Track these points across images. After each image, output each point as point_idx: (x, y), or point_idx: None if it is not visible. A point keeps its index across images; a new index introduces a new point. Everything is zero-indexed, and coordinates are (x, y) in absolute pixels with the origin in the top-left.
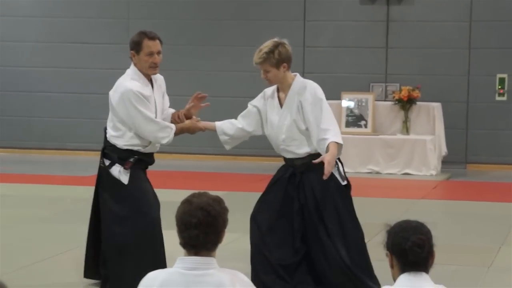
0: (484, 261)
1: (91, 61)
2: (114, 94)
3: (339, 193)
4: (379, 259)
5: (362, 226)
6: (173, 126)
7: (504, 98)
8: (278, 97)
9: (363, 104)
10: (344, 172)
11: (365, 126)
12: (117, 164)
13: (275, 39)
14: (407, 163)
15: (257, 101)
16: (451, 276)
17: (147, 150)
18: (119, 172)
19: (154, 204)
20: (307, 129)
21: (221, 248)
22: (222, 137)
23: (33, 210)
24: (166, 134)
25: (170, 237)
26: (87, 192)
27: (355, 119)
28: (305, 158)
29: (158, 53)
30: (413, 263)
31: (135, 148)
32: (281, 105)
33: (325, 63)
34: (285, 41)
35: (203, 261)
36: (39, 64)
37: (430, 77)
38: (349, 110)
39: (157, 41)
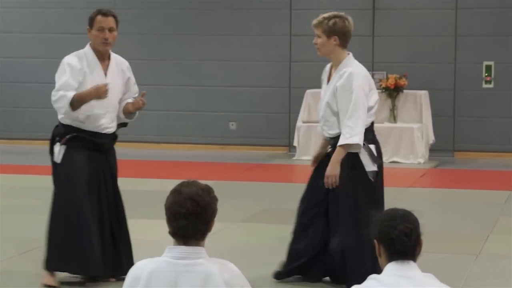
0: (472, 249)
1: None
2: None
3: (358, 181)
4: None
5: None
6: (70, 95)
7: (491, 86)
8: (330, 72)
9: None
10: (377, 155)
11: None
12: (57, 143)
13: (341, 13)
14: (394, 151)
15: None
16: (438, 265)
17: (87, 127)
18: (58, 152)
19: (78, 187)
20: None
21: (209, 238)
22: None
23: (22, 200)
24: (61, 104)
25: (160, 227)
26: None
27: None
28: (336, 138)
29: (110, 29)
30: (400, 252)
31: (74, 124)
32: (328, 81)
33: (312, 52)
34: (349, 17)
35: (192, 251)
36: (27, 55)
37: (416, 65)
38: None
39: (111, 18)
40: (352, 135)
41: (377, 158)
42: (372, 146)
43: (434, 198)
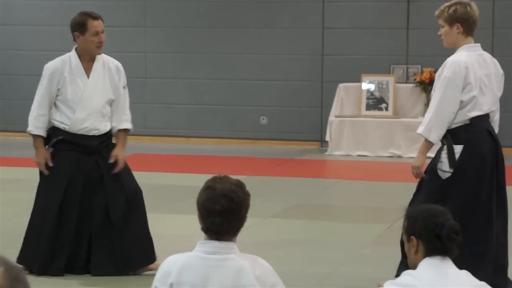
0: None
1: (109, 44)
2: None
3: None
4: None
5: (382, 210)
6: (38, 132)
7: None
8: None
9: (384, 86)
10: (462, 160)
11: (386, 109)
12: (46, 145)
13: None
14: None
15: None
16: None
17: (71, 130)
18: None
19: (54, 191)
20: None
21: (241, 233)
22: None
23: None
24: (30, 123)
25: (190, 222)
26: None
27: (375, 102)
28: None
29: (102, 32)
30: (445, 249)
31: (61, 126)
32: None
33: (345, 45)
34: (472, 3)
35: (224, 246)
36: (55, 48)
37: None
38: (370, 93)
39: (100, 21)
40: (424, 128)
41: (454, 163)
42: (458, 147)
43: None
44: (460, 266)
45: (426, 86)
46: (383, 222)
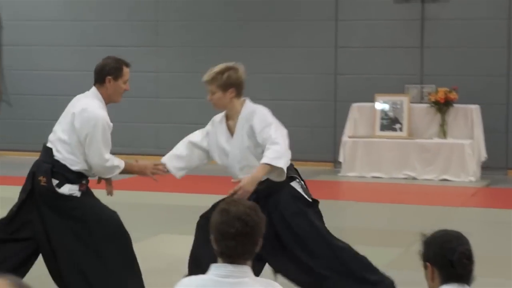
0: None
1: None
2: (82, 118)
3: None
4: (417, 269)
5: (397, 233)
6: (122, 164)
7: None
8: (228, 125)
9: (398, 106)
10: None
11: (400, 129)
12: (67, 184)
13: (231, 63)
14: (444, 169)
15: (205, 130)
16: None
17: (88, 174)
18: (70, 190)
19: (113, 212)
20: (263, 151)
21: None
22: (178, 173)
23: None
24: (113, 172)
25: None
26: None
27: (389, 122)
28: (265, 181)
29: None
30: (459, 276)
31: (85, 173)
32: (231, 133)
33: (358, 64)
34: (240, 66)
35: (238, 269)
36: (69, 68)
37: (467, 78)
38: (384, 113)
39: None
40: (275, 157)
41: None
42: None
43: (486, 218)
44: None
45: (441, 106)
46: (398, 245)
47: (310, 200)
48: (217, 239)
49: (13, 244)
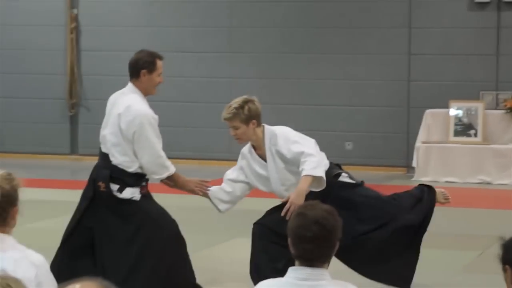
0: None
1: (194, 69)
2: (126, 117)
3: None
4: (494, 272)
5: (472, 237)
6: (172, 169)
7: None
8: (258, 154)
9: (472, 112)
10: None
11: (475, 135)
12: (128, 188)
13: (245, 96)
14: None
15: (237, 166)
16: None
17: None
18: (131, 193)
19: (171, 220)
20: (298, 167)
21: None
22: (222, 205)
23: None
24: (162, 172)
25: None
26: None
27: (464, 128)
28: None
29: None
30: None
31: (143, 172)
32: (264, 160)
33: (432, 71)
34: (255, 98)
35: (316, 272)
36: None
37: None
38: (458, 119)
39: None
40: (313, 167)
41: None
42: None
43: None
44: None
45: None
46: (474, 249)
47: (360, 182)
48: (294, 243)
49: (81, 252)
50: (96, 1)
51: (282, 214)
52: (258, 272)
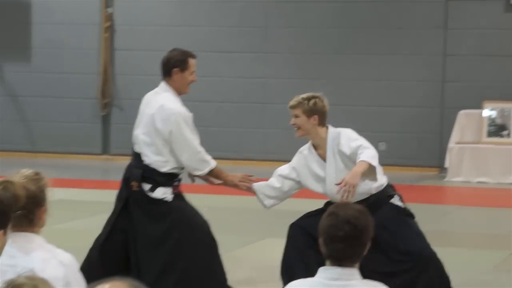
0: None
1: (229, 69)
2: (161, 116)
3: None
4: None
5: (504, 237)
6: (213, 163)
7: None
8: (318, 153)
9: (506, 113)
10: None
11: (508, 136)
12: (160, 187)
13: (317, 93)
14: None
15: (291, 164)
16: None
17: (182, 173)
18: (163, 193)
19: (203, 221)
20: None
21: None
22: (267, 201)
23: None
24: (203, 167)
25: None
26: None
27: (497, 129)
28: (366, 198)
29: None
30: None
31: (176, 171)
32: (323, 160)
33: (467, 72)
34: (325, 98)
35: (346, 272)
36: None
37: None
38: (491, 120)
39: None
40: (369, 156)
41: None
42: None
43: None
44: None
45: None
46: (505, 248)
47: (410, 211)
48: (325, 242)
49: (115, 255)
50: (131, 0)
51: (336, 193)
52: (289, 272)
